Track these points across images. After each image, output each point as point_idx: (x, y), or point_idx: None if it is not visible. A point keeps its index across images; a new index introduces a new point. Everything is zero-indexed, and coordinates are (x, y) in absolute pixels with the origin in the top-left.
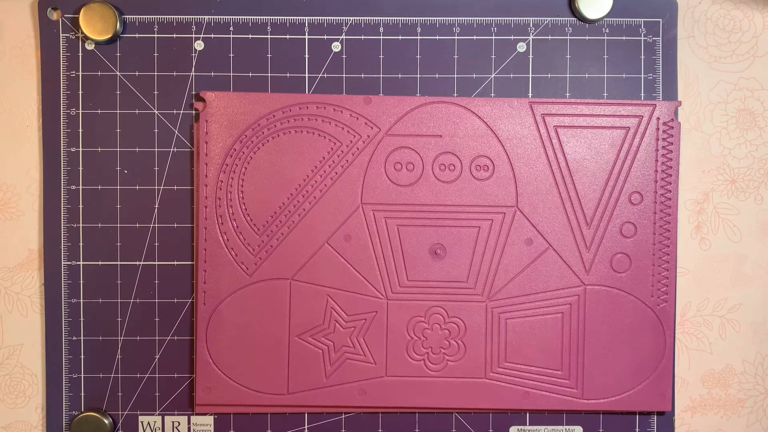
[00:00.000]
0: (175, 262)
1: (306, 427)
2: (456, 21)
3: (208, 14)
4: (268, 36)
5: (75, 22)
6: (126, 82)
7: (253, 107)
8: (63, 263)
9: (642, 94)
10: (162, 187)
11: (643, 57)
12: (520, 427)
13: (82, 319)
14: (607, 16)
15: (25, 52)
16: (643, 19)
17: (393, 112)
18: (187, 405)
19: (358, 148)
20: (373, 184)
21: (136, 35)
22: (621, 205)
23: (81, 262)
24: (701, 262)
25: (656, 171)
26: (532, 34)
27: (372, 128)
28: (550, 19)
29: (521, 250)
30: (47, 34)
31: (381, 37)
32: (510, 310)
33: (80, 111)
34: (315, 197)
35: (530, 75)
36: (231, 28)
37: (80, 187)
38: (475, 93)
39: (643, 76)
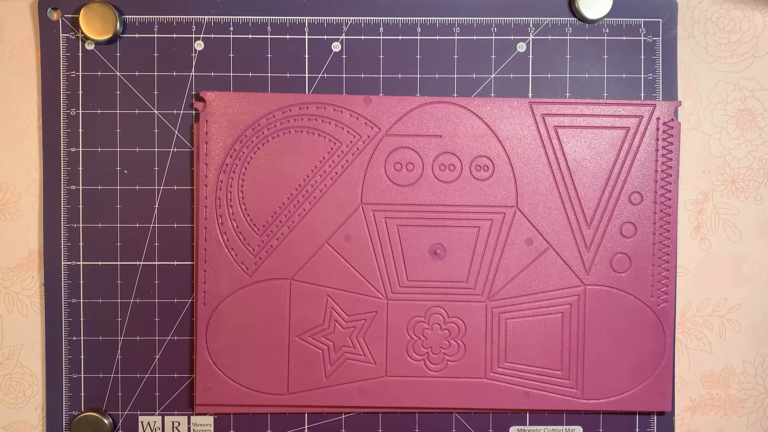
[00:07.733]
0: (175, 262)
1: (306, 427)
2: (456, 21)
3: (208, 14)
4: (268, 36)
5: (75, 22)
6: (126, 82)
7: (253, 107)
8: (63, 263)
9: (642, 94)
10: (162, 187)
11: (643, 57)
12: (520, 427)
13: (82, 319)
14: (607, 16)
15: (25, 52)
16: (643, 19)
17: (393, 112)
18: (187, 405)
19: (358, 148)
20: (373, 184)
21: (136, 35)
22: (621, 205)
23: (81, 262)
24: (701, 262)
25: (656, 171)
26: (532, 34)
27: (372, 128)
28: (550, 19)
29: (521, 250)
30: (47, 34)
31: (381, 37)
32: (510, 310)
33: (80, 111)
34: (315, 197)
35: (530, 75)
36: (231, 28)
37: (80, 187)
38: (475, 93)
39: (643, 76)
